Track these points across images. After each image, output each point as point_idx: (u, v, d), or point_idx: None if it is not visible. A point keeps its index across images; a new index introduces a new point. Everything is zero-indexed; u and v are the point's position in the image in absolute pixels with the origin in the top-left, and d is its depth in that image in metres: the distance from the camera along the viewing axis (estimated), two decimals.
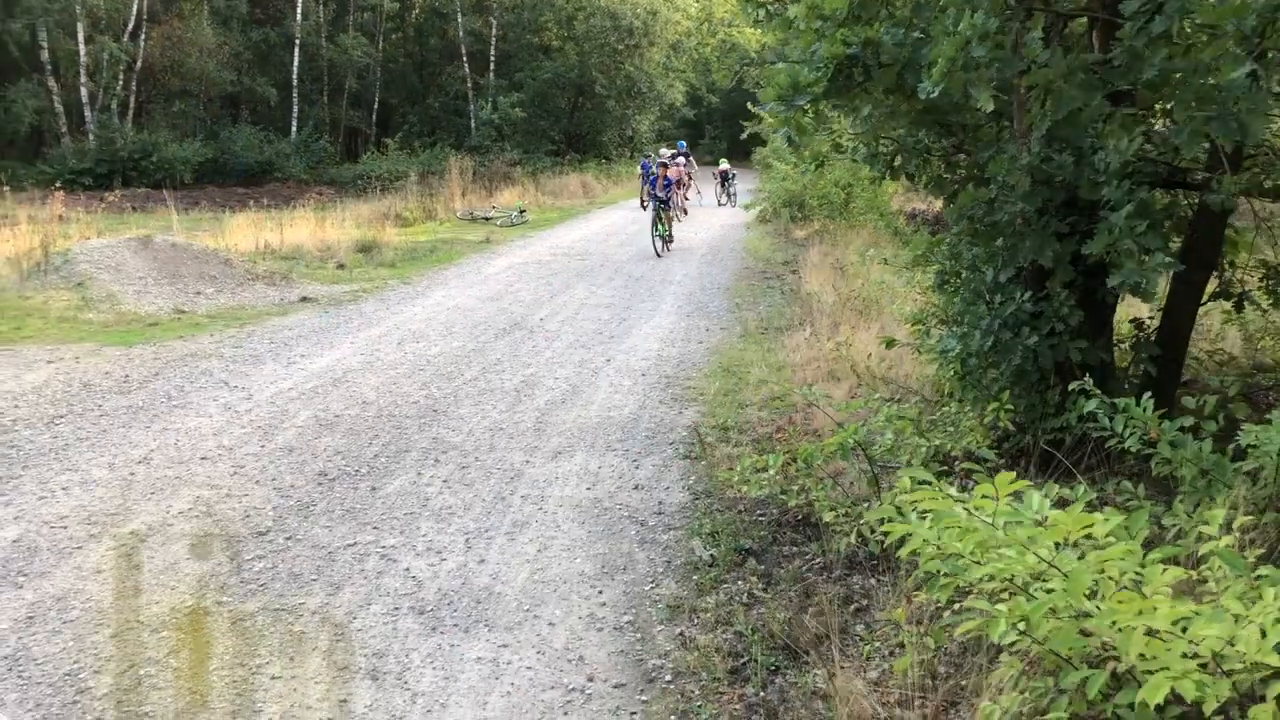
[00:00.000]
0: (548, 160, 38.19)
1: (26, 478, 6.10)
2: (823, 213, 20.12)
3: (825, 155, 6.58)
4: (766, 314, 11.81)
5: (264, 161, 35.62)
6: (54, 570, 4.88)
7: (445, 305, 12.51)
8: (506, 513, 5.70)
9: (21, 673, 3.98)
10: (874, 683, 3.69)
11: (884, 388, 7.23)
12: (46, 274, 12.44)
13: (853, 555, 4.79)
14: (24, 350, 9.50)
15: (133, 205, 24.30)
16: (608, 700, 3.84)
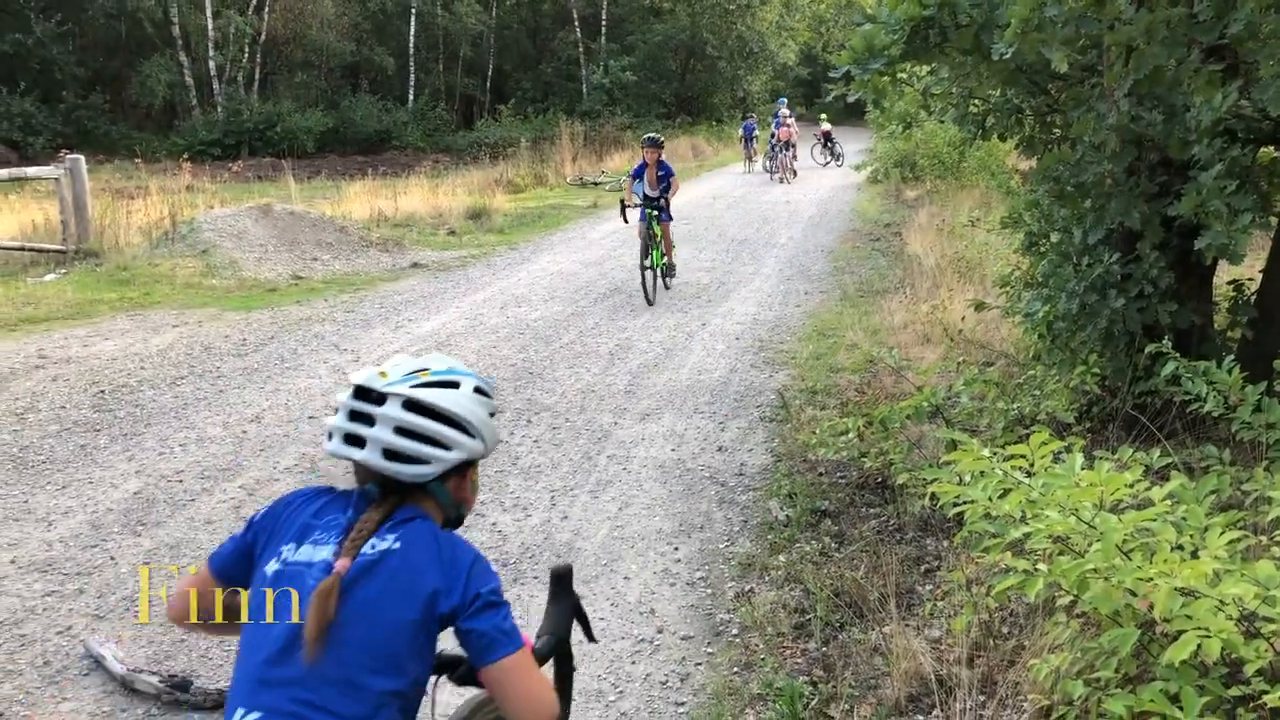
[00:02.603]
0: (658, 123, 38.17)
1: (149, 435, 6.53)
2: (934, 173, 19.76)
3: (913, 116, 6.51)
4: (867, 277, 11.72)
5: (382, 130, 36.54)
6: (169, 520, 5.25)
7: (549, 270, 12.75)
8: (592, 472, 5.88)
9: (138, 614, 4.32)
10: (934, 641, 3.75)
11: (975, 351, 7.17)
12: (174, 242, 13.09)
13: (927, 518, 4.83)
14: (152, 315, 10.07)
15: (257, 175, 25.26)
16: (674, 651, 3.99)
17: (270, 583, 1.79)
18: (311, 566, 1.76)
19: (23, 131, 31.47)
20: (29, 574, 4.66)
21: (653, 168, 11.12)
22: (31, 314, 9.92)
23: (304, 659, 1.68)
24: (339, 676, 1.70)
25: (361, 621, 1.72)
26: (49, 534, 5.08)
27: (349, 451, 1.86)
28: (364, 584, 1.74)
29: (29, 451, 6.22)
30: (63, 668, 3.90)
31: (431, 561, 1.78)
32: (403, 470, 1.85)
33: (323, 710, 1.68)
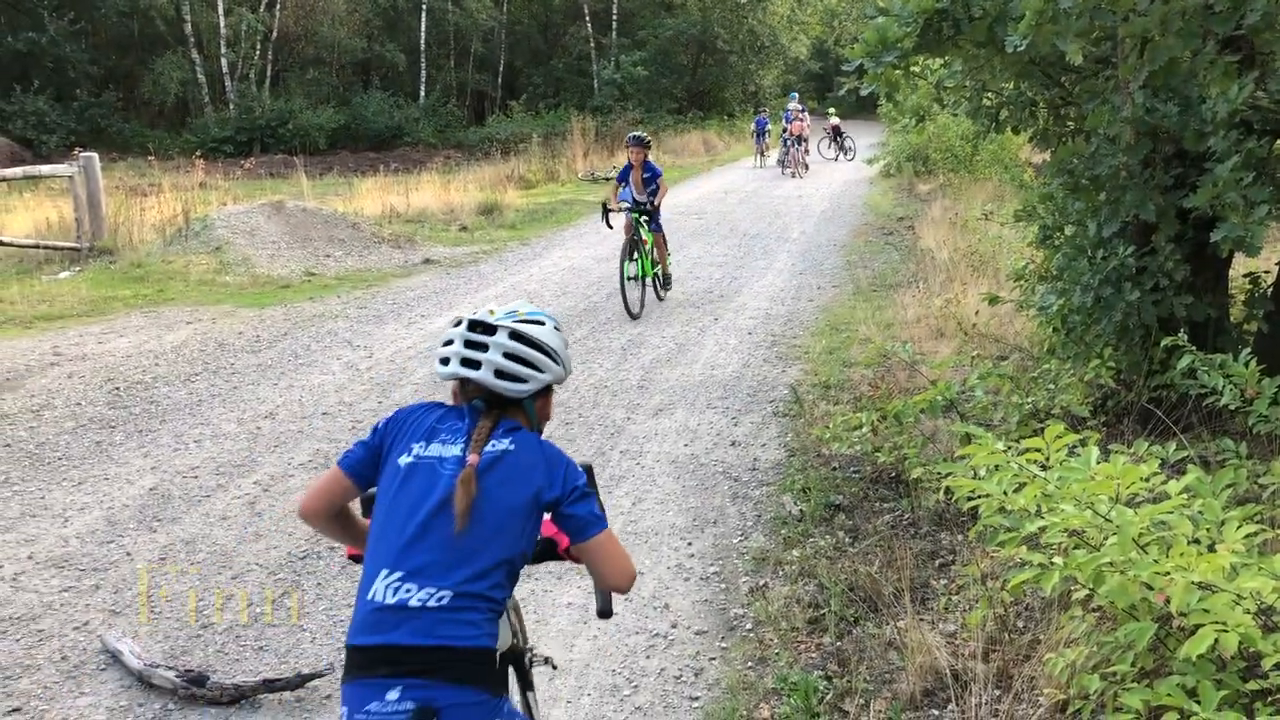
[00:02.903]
0: (670, 118, 38.17)
1: (164, 431, 6.56)
2: (946, 166, 19.69)
3: (926, 110, 6.50)
4: (880, 271, 11.69)
5: (394, 126, 36.55)
6: (184, 516, 5.27)
7: (561, 266, 12.75)
8: (605, 467, 5.88)
9: (154, 608, 4.34)
10: (949, 635, 3.74)
11: (990, 346, 7.14)
12: (187, 239, 13.13)
13: (941, 512, 4.82)
14: (166, 312, 10.11)
15: (269, 171, 25.31)
16: (689, 646, 3.99)
17: (405, 470, 2.20)
18: (444, 461, 2.18)
19: (36, 129, 31.59)
20: (46, 569, 4.69)
21: (638, 169, 10.07)
22: (46, 311, 9.98)
23: (453, 529, 2.10)
24: (467, 544, 2.10)
25: (487, 503, 2.13)
26: (65, 530, 5.11)
27: (466, 372, 2.26)
28: (489, 475, 2.16)
29: (45, 448, 6.26)
30: (80, 663, 3.92)
31: (539, 461, 2.21)
32: (508, 387, 2.26)
33: (453, 568, 2.09)
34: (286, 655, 3.96)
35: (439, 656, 2.04)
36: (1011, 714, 3.15)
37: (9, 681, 3.79)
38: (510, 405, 2.29)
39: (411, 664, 2.03)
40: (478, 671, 2.08)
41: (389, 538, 2.13)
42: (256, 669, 3.86)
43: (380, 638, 2.05)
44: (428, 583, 2.07)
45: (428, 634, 2.04)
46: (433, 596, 2.06)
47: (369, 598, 2.10)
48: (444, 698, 2.01)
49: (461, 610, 2.07)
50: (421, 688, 2.01)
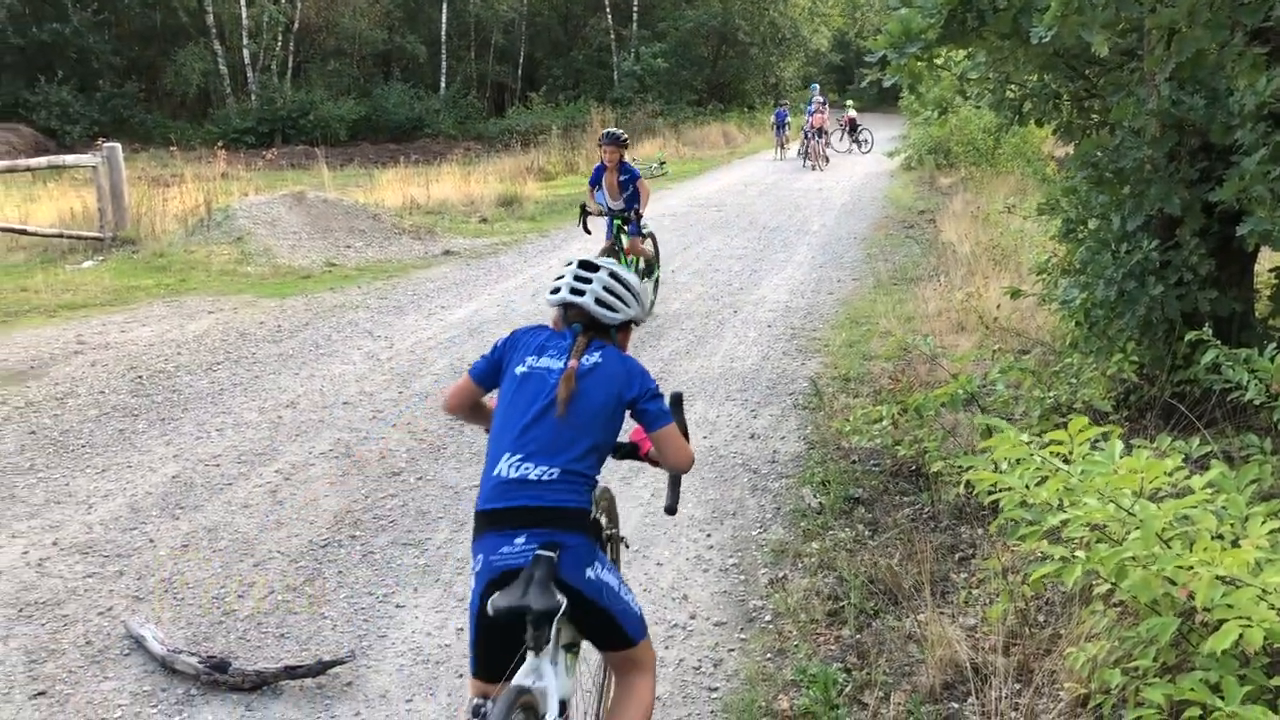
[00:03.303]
0: (689, 110, 38.11)
1: (186, 419, 6.60)
2: (968, 160, 19.59)
3: (949, 102, 6.46)
4: (901, 264, 11.65)
5: (414, 118, 36.66)
6: (207, 504, 5.31)
7: (578, 257, 12.73)
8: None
9: (176, 595, 4.37)
10: (969, 629, 3.73)
11: (1011, 339, 7.11)
12: (209, 229, 13.20)
13: (961, 506, 4.80)
14: (188, 301, 10.17)
15: (290, 162, 25.40)
16: (707, 637, 3.99)
17: (520, 378, 2.81)
18: (551, 371, 2.78)
19: (60, 120, 31.85)
20: (70, 555, 4.73)
21: (613, 171, 8.99)
22: (70, 300, 10.05)
23: (554, 416, 2.71)
24: (567, 433, 2.71)
25: (582, 400, 2.74)
26: (89, 516, 5.15)
27: (573, 298, 2.88)
28: (584, 379, 2.76)
29: (69, 435, 6.31)
30: (104, 647, 3.95)
31: (621, 371, 2.82)
32: (603, 314, 2.89)
33: (559, 452, 2.69)
34: (308, 642, 3.99)
35: (553, 513, 2.64)
36: (1032, 708, 3.14)
37: (35, 665, 3.83)
38: (601, 330, 2.91)
39: (532, 519, 2.63)
40: (581, 524, 2.69)
41: (510, 429, 2.75)
42: (278, 656, 3.88)
43: (507, 502, 2.66)
44: (541, 462, 2.68)
45: (543, 498, 2.65)
46: (545, 472, 2.67)
47: (495, 474, 2.71)
48: (555, 539, 2.61)
49: (566, 482, 2.68)
50: (541, 535, 2.61)
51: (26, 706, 3.58)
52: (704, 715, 3.49)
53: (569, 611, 2.56)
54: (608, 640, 2.82)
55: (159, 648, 3.84)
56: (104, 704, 3.59)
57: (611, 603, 2.74)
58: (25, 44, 32.81)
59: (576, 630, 2.78)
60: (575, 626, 2.76)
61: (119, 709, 3.56)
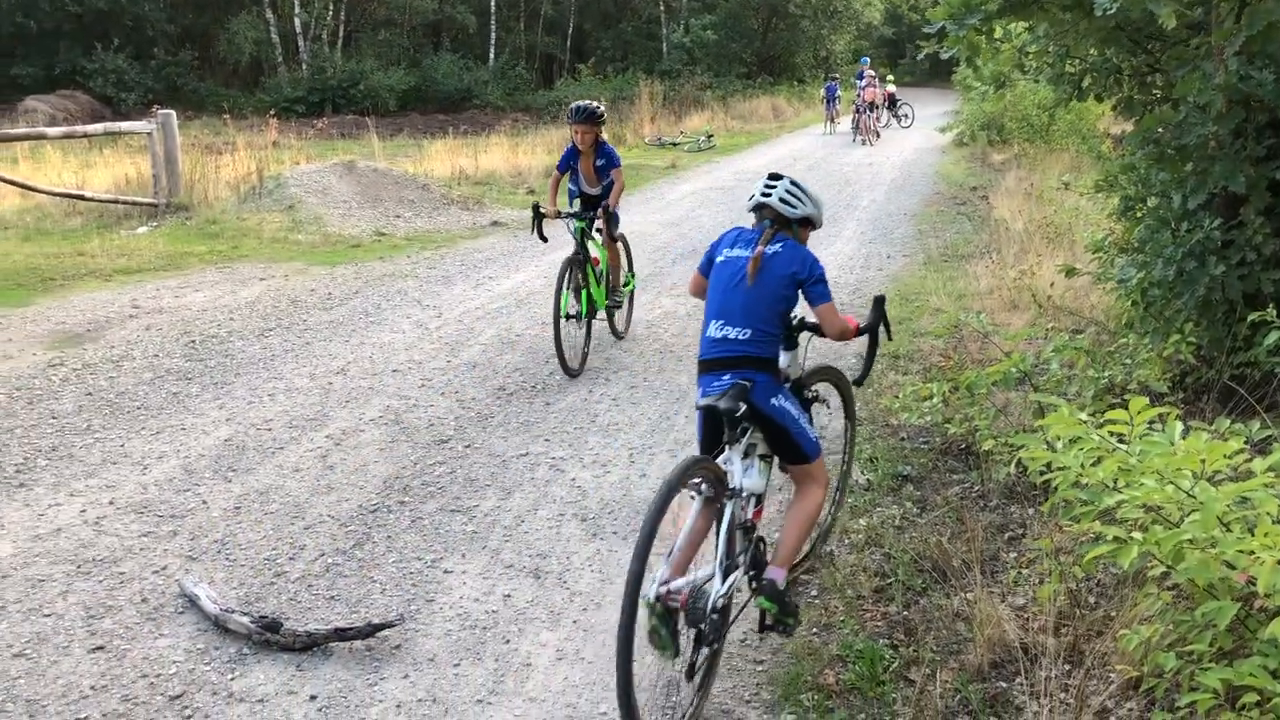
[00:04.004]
0: (738, 83, 37.80)
1: (238, 384, 6.69)
2: (1022, 136, 19.28)
3: (1006, 76, 6.35)
4: (952, 241, 11.51)
5: (463, 89, 36.69)
6: (258, 467, 5.39)
7: (626, 230, 12.61)
8: (670, 431, 5.89)
9: (229, 556, 4.45)
10: (1018, 609, 3.70)
11: (1064, 318, 7.00)
12: (261, 197, 13.33)
13: (1012, 485, 4.76)
14: (240, 268, 10.29)
15: (340, 132, 25.55)
16: (753, 610, 3.98)
17: (721, 264, 3.76)
18: (742, 258, 3.68)
19: (116, 87, 32.26)
20: (126, 515, 4.82)
21: (588, 155, 7.32)
22: (125, 265, 10.21)
23: (745, 290, 3.62)
24: (755, 303, 3.62)
25: (766, 278, 3.63)
26: (144, 477, 5.25)
27: (763, 199, 3.78)
28: (768, 263, 3.64)
29: (125, 397, 6.42)
30: (159, 605, 4.03)
31: (796, 257, 3.68)
32: (786, 209, 3.76)
33: (751, 317, 3.62)
34: (357, 605, 4.04)
35: (746, 360, 3.61)
36: (1082, 689, 3.11)
37: (93, 620, 3.91)
38: (786, 226, 3.77)
39: (733, 364, 3.61)
40: (767, 367, 3.64)
41: (716, 302, 3.72)
42: (328, 618, 3.94)
43: (715, 353, 3.66)
44: (736, 324, 3.63)
45: (739, 350, 3.61)
46: (740, 332, 3.62)
47: (707, 335, 3.71)
48: (750, 377, 3.57)
49: (757, 339, 3.62)
50: (739, 374, 3.58)
51: (85, 660, 3.66)
52: (750, 688, 3.50)
53: (760, 429, 3.66)
54: (787, 454, 3.76)
55: (212, 607, 3.91)
56: (159, 660, 3.66)
57: (790, 425, 3.68)
58: (83, 12, 33.23)
59: (766, 444, 3.71)
60: (766, 443, 3.71)
61: (174, 665, 3.63)
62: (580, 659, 3.68)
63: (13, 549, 4.48)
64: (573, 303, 6.93)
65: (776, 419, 3.64)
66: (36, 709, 3.39)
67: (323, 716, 3.35)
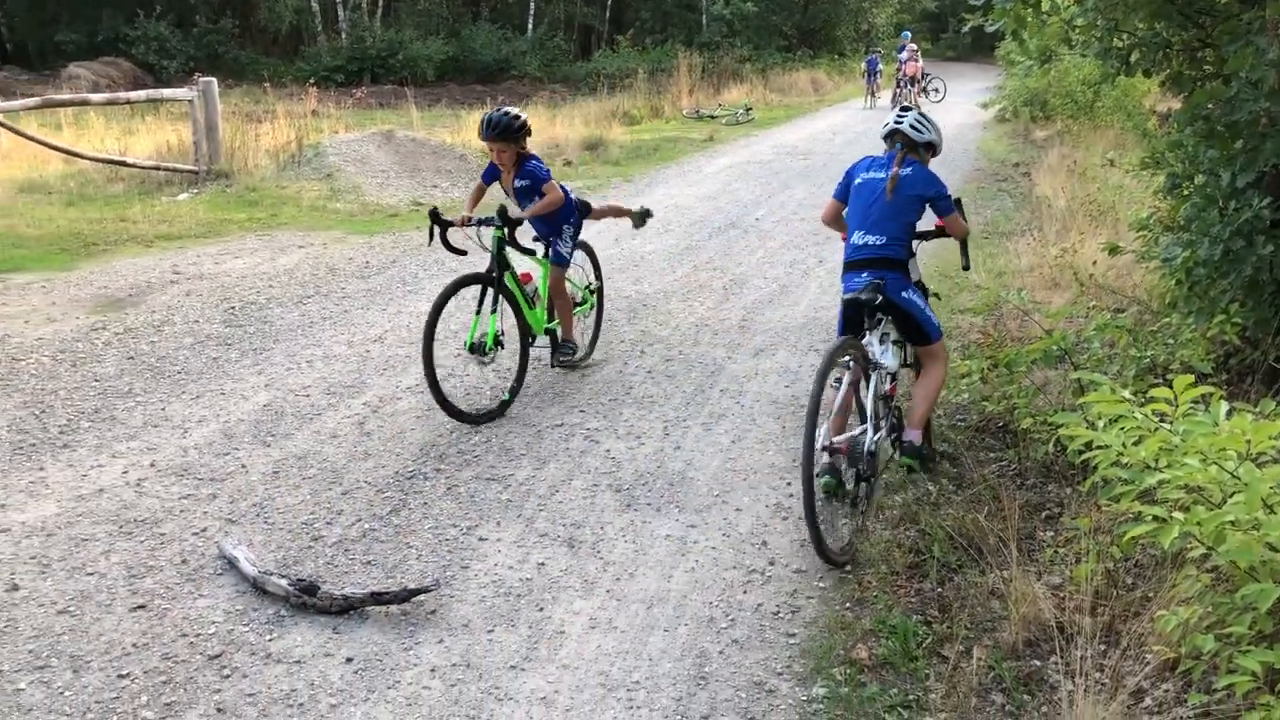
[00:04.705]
0: (778, 56, 37.44)
1: (277, 350, 6.76)
2: (1065, 112, 18.99)
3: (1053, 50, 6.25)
4: (993, 218, 11.37)
5: (501, 60, 36.57)
6: (297, 433, 5.44)
7: (663, 204, 12.67)
8: (705, 404, 5.89)
9: (267, 519, 4.50)
10: (1054, 587, 3.68)
11: (1106, 297, 6.91)
12: (300, 165, 13.40)
13: (1050, 464, 4.71)
14: (279, 235, 10.36)
15: (378, 101, 25.63)
16: (786, 584, 4.00)
17: (860, 185, 4.66)
18: (879, 179, 4.59)
19: (158, 55, 32.42)
20: (167, 477, 4.89)
21: (508, 173, 6.01)
22: (166, 231, 10.32)
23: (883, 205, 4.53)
24: (891, 216, 4.53)
25: (899, 195, 4.52)
26: (185, 440, 5.32)
27: (896, 126, 4.70)
28: (902, 182, 4.54)
29: (165, 362, 6.50)
30: (199, 566, 4.09)
31: (925, 178, 4.62)
32: (915, 134, 4.67)
33: (887, 227, 4.51)
34: (393, 570, 4.08)
35: (883, 261, 4.51)
36: (1118, 669, 3.09)
37: (134, 580, 3.98)
38: (913, 150, 4.66)
39: (872, 265, 4.52)
40: (900, 267, 4.55)
41: (857, 216, 4.63)
42: (364, 582, 3.98)
43: (858, 256, 4.57)
44: (876, 232, 4.54)
45: (877, 252, 4.51)
46: (878, 239, 4.53)
47: (852, 241, 4.62)
48: (884, 275, 4.47)
49: (892, 244, 4.53)
50: (875, 273, 4.47)
51: (127, 618, 3.73)
52: (782, 659, 3.50)
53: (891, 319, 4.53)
54: (915, 336, 4.65)
55: (251, 569, 3.96)
56: (199, 620, 3.72)
57: (916, 312, 4.57)
58: None
59: (898, 331, 4.58)
60: (897, 329, 4.57)
61: (213, 625, 3.69)
62: (613, 628, 3.70)
63: (57, 508, 4.56)
64: (481, 325, 5.67)
65: (905, 308, 4.52)
66: (80, 664, 3.45)
67: (359, 678, 3.40)
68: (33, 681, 3.36)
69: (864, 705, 3.22)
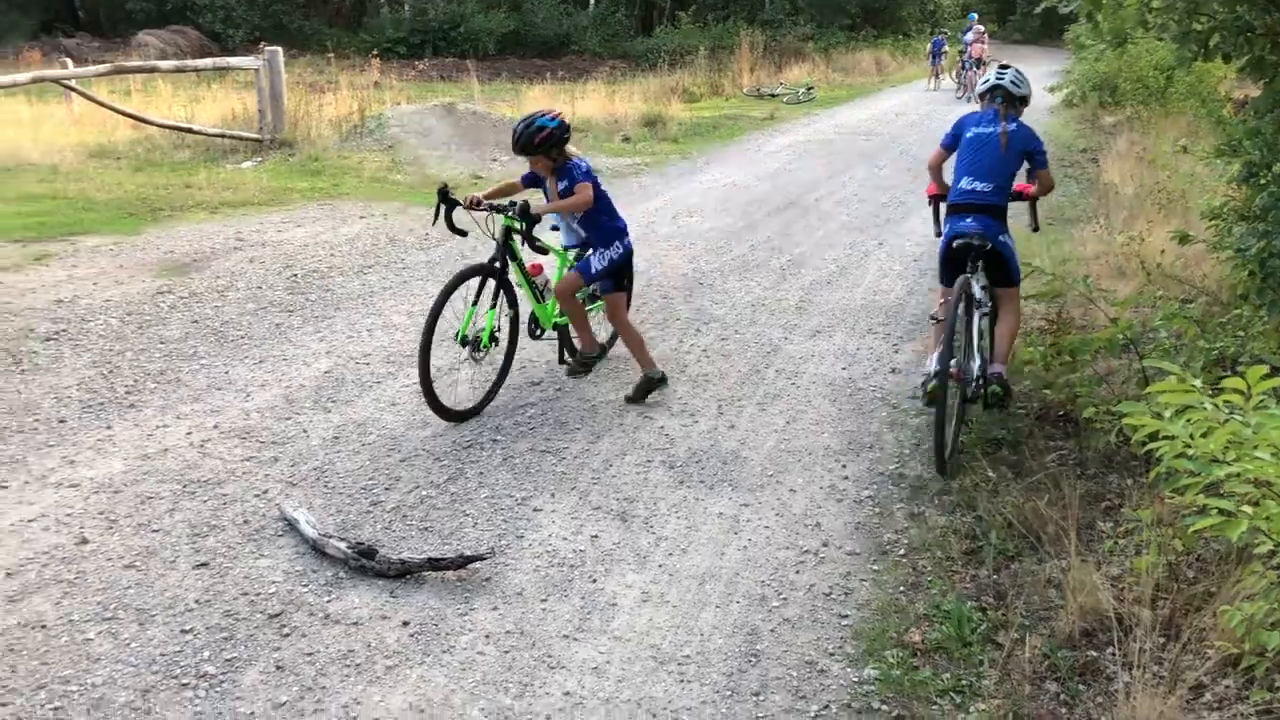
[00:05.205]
0: (841, 35, 37.01)
1: (338, 319, 6.84)
2: (1136, 98, 18.56)
3: (1129, 33, 6.11)
4: (1057, 204, 11.15)
5: (562, 34, 36.55)
6: (357, 400, 5.52)
7: (722, 182, 12.63)
8: (760, 384, 5.87)
9: (327, 483, 4.57)
10: (1113, 578, 3.63)
11: (1174, 287, 6.77)
12: (362, 136, 13.52)
13: (1111, 454, 4.64)
14: (341, 205, 10.47)
15: (440, 74, 25.72)
16: (839, 565, 3.98)
17: (971, 138, 5.11)
18: (989, 133, 5.07)
19: (224, 23, 32.83)
20: (230, 439, 4.99)
21: (551, 179, 5.55)
22: (230, 198, 10.46)
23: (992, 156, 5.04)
24: (997, 166, 5.03)
25: (1010, 148, 5.03)
26: (247, 404, 5.41)
27: (998, 81, 5.18)
28: (1011, 137, 5.03)
29: (229, 326, 6.61)
30: (260, 527, 4.17)
31: (1028, 133, 5.15)
32: (1014, 88, 5.16)
33: (993, 176, 5.02)
34: (449, 537, 4.13)
35: (985, 207, 5.00)
36: (1178, 663, 3.05)
37: (198, 539, 4.07)
38: (1011, 105, 5.15)
39: (976, 210, 5.01)
40: (1000, 214, 5.06)
41: (966, 163, 5.10)
42: (421, 548, 4.03)
43: (964, 200, 5.05)
44: (982, 180, 5.03)
45: (985, 199, 5.01)
46: (984, 185, 5.02)
47: (959, 187, 5.09)
48: (986, 220, 4.98)
49: (997, 192, 5.03)
50: (979, 218, 4.98)
51: (190, 575, 3.81)
52: (834, 640, 3.50)
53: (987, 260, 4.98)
54: (1002, 278, 5.11)
55: (311, 531, 4.03)
56: (259, 579, 3.80)
57: (1009, 257, 5.09)
58: None
59: (986, 273, 5.00)
60: (987, 272, 5.00)
61: (273, 585, 3.76)
62: (665, 602, 3.72)
63: (123, 466, 4.67)
64: (476, 322, 5.30)
65: (1002, 251, 5.01)
66: (145, 618, 3.54)
67: (414, 641, 3.45)
68: (101, 632, 3.46)
69: (916, 689, 3.20)
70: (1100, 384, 5.06)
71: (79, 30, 32.40)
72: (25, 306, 6.80)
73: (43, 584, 3.73)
